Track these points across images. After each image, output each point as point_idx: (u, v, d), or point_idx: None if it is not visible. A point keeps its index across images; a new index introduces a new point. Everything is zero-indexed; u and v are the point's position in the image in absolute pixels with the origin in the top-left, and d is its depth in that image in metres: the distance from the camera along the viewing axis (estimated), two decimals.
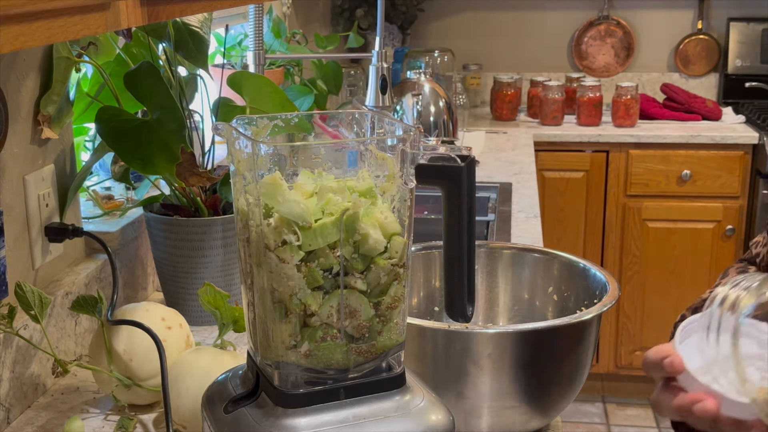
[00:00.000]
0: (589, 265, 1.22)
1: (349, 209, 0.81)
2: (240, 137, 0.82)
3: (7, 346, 1.16)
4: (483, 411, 1.07)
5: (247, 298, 0.87)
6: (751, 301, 0.76)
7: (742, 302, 0.77)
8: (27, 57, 1.26)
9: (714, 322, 0.79)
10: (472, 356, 1.04)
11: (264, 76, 1.78)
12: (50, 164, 1.34)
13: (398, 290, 0.84)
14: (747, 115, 3.43)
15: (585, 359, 1.12)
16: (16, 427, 1.16)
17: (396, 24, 3.67)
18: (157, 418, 1.18)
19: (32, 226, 1.28)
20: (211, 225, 1.41)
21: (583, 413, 3.36)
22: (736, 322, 0.77)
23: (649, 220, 3.29)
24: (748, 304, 0.76)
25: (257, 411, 0.84)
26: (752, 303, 0.76)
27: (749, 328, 0.78)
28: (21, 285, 1.11)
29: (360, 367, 0.85)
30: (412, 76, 2.77)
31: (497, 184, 2.46)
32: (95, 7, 0.72)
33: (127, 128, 1.33)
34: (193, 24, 1.44)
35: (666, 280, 3.31)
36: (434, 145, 0.88)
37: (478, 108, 3.73)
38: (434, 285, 1.29)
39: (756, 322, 0.78)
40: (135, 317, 1.17)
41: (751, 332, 0.78)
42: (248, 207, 0.83)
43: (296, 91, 2.19)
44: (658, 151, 3.23)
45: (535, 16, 3.83)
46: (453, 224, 0.90)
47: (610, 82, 3.73)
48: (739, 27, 3.65)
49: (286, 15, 2.75)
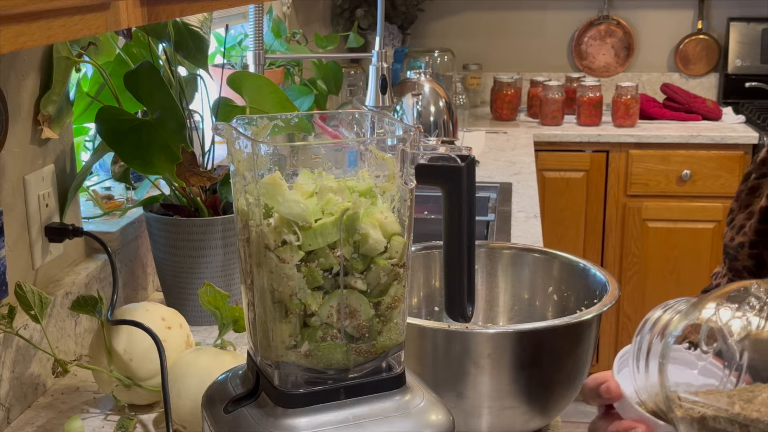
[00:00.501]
0: (589, 265, 1.22)
1: (349, 209, 0.81)
2: (240, 137, 0.82)
3: (7, 346, 1.16)
4: (483, 411, 1.07)
5: (247, 298, 0.87)
6: (681, 323, 0.77)
7: (671, 326, 0.77)
8: (27, 57, 1.26)
9: (644, 349, 0.79)
10: (472, 356, 1.04)
11: (264, 76, 1.78)
12: (50, 164, 1.34)
13: (398, 290, 0.84)
14: (747, 115, 3.43)
15: (585, 359, 1.12)
16: (16, 427, 1.16)
17: (396, 24, 3.67)
18: (157, 418, 1.18)
19: (32, 226, 1.28)
20: (211, 225, 1.41)
21: (583, 413, 3.35)
22: (664, 348, 0.77)
23: (649, 220, 3.29)
24: (678, 326, 0.77)
25: (257, 411, 0.84)
26: (681, 325, 0.76)
27: (677, 353, 0.78)
28: (21, 285, 1.11)
29: (360, 367, 0.85)
30: (412, 76, 2.77)
31: (497, 184, 2.46)
32: (95, 7, 0.72)
33: (127, 128, 1.33)
34: (193, 24, 1.44)
35: (666, 280, 3.31)
36: (434, 145, 0.88)
37: (478, 108, 3.73)
38: (434, 285, 1.29)
39: (682, 348, 0.78)
40: (135, 317, 1.17)
41: (678, 357, 0.78)
42: (248, 207, 0.83)
43: (296, 91, 2.19)
44: (658, 151, 3.23)
45: (535, 16, 3.83)
46: (453, 224, 0.90)
47: (610, 82, 3.73)
48: (739, 27, 3.65)
49: (286, 15, 2.75)
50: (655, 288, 3.32)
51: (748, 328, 0.73)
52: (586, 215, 3.32)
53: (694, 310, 0.77)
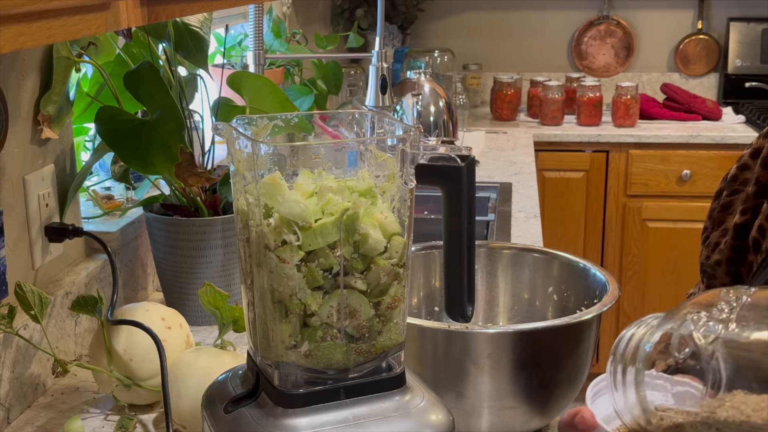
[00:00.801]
0: (589, 265, 1.22)
1: (349, 209, 0.81)
2: (240, 137, 0.82)
3: (7, 346, 1.16)
4: (483, 411, 1.07)
5: (247, 298, 0.87)
6: (656, 333, 0.77)
7: (646, 337, 0.77)
8: (27, 57, 1.26)
9: (619, 371, 0.79)
10: (472, 356, 1.04)
11: (264, 76, 1.78)
12: (50, 164, 1.34)
13: (398, 290, 0.84)
14: (747, 115, 3.43)
15: (585, 359, 1.12)
16: (16, 427, 1.16)
17: (396, 24, 3.67)
18: (157, 418, 1.18)
19: (32, 226, 1.28)
20: (211, 225, 1.41)
21: None
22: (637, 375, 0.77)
23: (649, 220, 3.29)
24: (654, 335, 0.77)
25: (257, 411, 0.84)
26: (657, 334, 0.76)
27: (651, 379, 0.78)
28: (21, 285, 1.11)
29: (360, 367, 0.85)
30: (412, 76, 2.77)
31: (497, 184, 2.46)
32: (95, 7, 0.72)
33: (127, 128, 1.33)
34: (193, 24, 1.44)
35: (666, 280, 3.31)
36: (434, 145, 0.88)
37: (478, 108, 3.73)
38: (434, 285, 1.29)
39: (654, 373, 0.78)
40: (135, 317, 1.17)
41: (652, 384, 0.78)
42: (248, 207, 0.83)
43: (296, 91, 2.19)
44: (658, 151, 3.23)
45: (535, 16, 3.83)
46: (453, 224, 0.90)
47: (610, 82, 3.73)
48: (739, 27, 3.65)
49: (286, 15, 2.75)
50: (655, 288, 3.32)
51: (718, 332, 0.73)
52: (586, 215, 3.32)
53: (667, 320, 0.77)
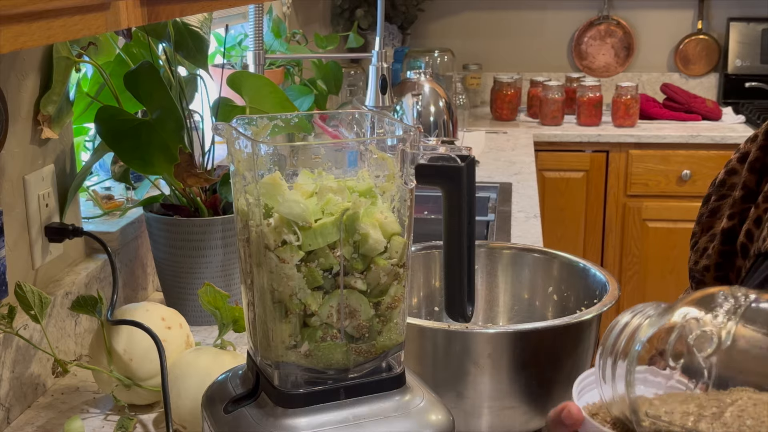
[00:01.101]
0: (589, 265, 1.22)
1: (349, 209, 0.81)
2: (240, 137, 0.82)
3: (7, 346, 1.16)
4: (483, 411, 1.07)
5: (247, 298, 0.87)
6: (650, 329, 0.76)
7: (640, 332, 0.76)
8: (27, 57, 1.26)
9: (608, 370, 0.79)
10: (472, 356, 1.04)
11: (264, 76, 1.78)
12: (50, 164, 1.34)
13: (398, 290, 0.84)
14: (747, 115, 3.43)
15: (585, 359, 1.12)
16: (16, 427, 1.16)
17: (396, 24, 3.67)
18: (157, 418, 1.18)
19: (32, 226, 1.28)
20: (211, 225, 1.41)
21: None
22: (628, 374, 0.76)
23: (649, 220, 3.29)
24: (648, 332, 0.76)
25: (257, 411, 0.84)
26: (650, 331, 0.75)
27: (642, 375, 0.77)
28: (21, 285, 1.11)
29: (360, 367, 0.85)
30: (412, 76, 2.77)
31: (497, 184, 2.46)
32: (95, 7, 0.72)
33: (127, 128, 1.33)
34: (193, 24, 1.44)
35: (666, 280, 3.31)
36: (434, 145, 0.88)
37: (478, 108, 3.73)
38: (434, 285, 1.29)
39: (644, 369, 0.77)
40: (135, 317, 1.17)
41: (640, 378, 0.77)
42: (248, 207, 0.83)
43: (296, 91, 2.19)
44: (658, 151, 3.23)
45: (535, 16, 3.83)
46: (453, 224, 0.90)
47: (610, 82, 3.73)
48: (739, 27, 3.65)
49: (286, 15, 2.75)
50: (655, 288, 3.32)
51: (716, 343, 0.72)
52: (586, 215, 3.32)
53: (664, 316, 0.76)
